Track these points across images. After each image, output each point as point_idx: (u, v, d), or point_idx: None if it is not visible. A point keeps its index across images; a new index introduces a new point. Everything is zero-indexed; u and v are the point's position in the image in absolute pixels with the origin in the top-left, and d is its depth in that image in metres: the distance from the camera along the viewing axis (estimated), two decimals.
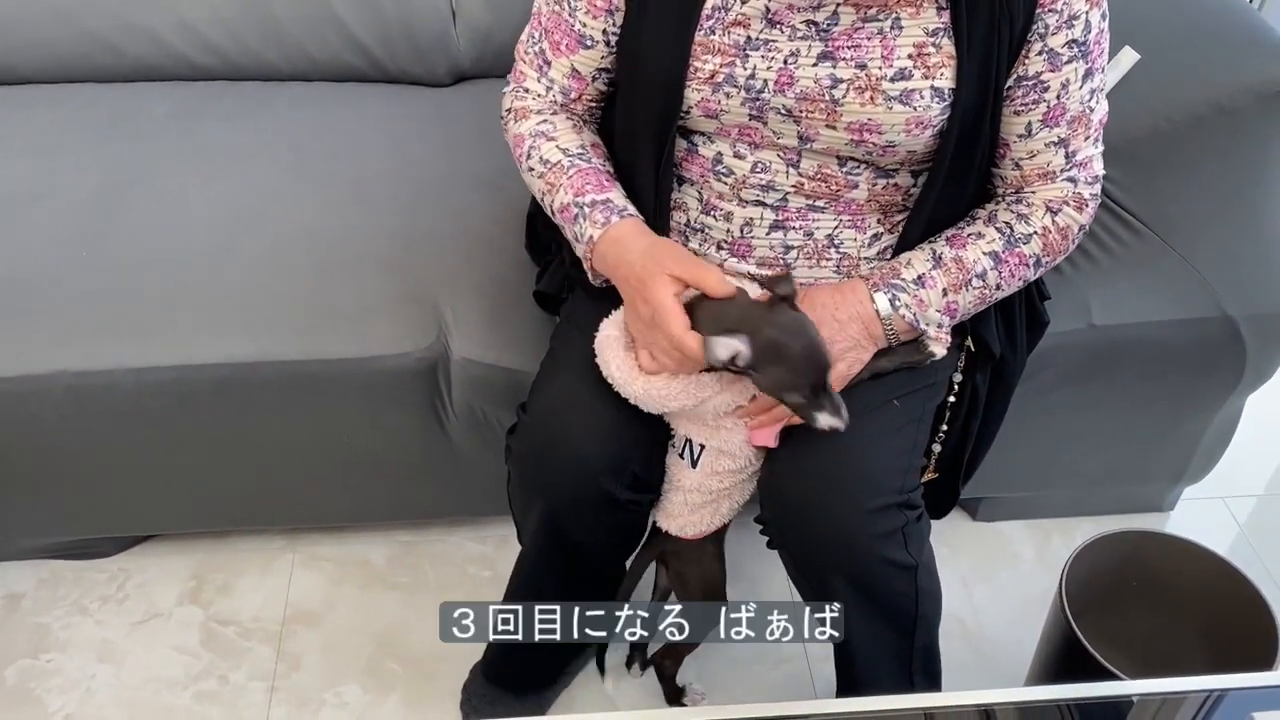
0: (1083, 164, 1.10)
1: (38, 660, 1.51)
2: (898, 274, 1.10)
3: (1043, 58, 1.04)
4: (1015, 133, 1.09)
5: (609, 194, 1.11)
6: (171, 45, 1.67)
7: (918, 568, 1.13)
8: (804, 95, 1.04)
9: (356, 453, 1.48)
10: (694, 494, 1.17)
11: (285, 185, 1.52)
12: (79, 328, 1.34)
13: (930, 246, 1.11)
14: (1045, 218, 1.10)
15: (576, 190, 1.11)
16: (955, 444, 1.24)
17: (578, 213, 1.10)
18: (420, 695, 1.48)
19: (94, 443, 1.42)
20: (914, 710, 1.05)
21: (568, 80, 1.15)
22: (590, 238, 1.09)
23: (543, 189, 1.15)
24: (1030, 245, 1.10)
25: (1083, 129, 1.08)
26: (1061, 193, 1.11)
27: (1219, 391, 1.49)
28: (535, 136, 1.15)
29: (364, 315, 1.37)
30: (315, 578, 1.62)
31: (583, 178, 1.11)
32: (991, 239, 1.10)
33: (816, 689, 1.48)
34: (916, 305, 1.08)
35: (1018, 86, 1.06)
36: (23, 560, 1.62)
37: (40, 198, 1.49)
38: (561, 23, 1.12)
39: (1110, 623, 1.32)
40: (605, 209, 1.09)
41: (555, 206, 1.13)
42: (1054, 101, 1.06)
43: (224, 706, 1.46)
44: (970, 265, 1.09)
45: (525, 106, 1.17)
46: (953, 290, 1.09)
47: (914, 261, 1.10)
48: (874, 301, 1.08)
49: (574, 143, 1.14)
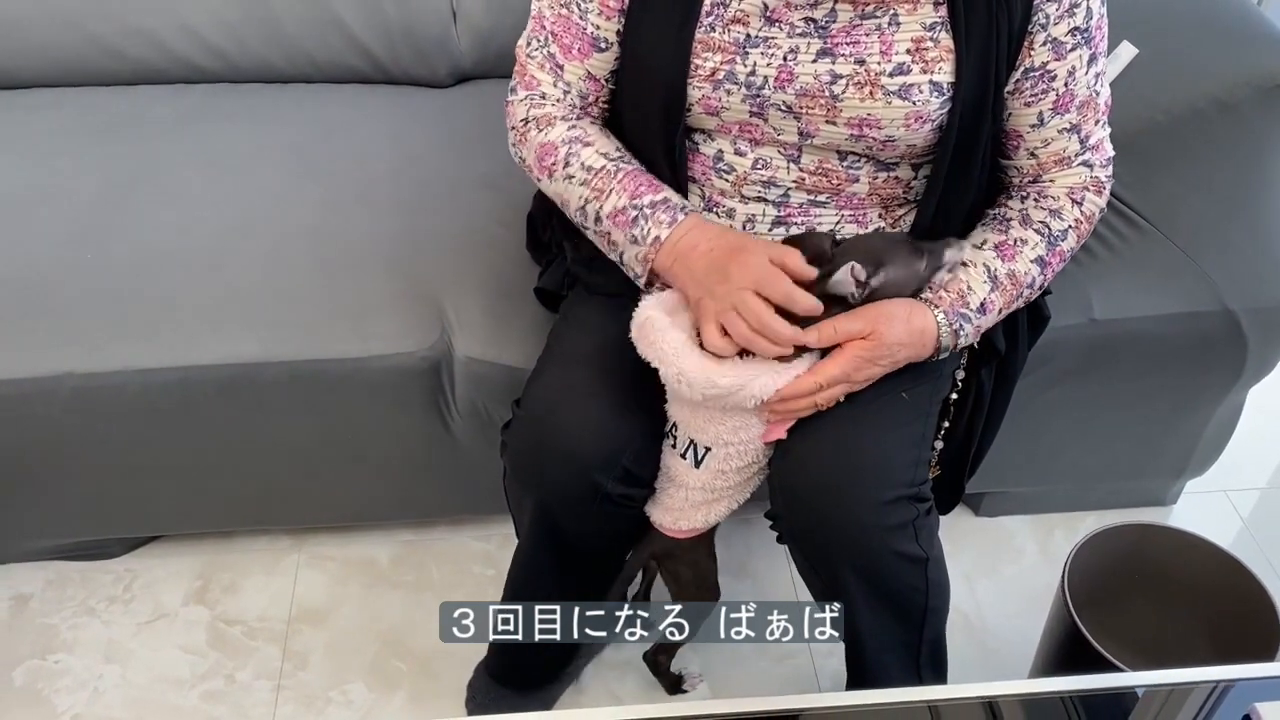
0: (1095, 147, 1.12)
1: (45, 661, 1.52)
2: (966, 302, 1.10)
3: (1047, 48, 1.05)
4: (1028, 123, 1.10)
5: (665, 193, 1.11)
6: (174, 48, 1.67)
7: (928, 560, 1.14)
8: (804, 91, 1.05)
9: (361, 452, 1.49)
10: (696, 491, 1.17)
11: (288, 186, 1.53)
12: (84, 329, 1.35)
13: (983, 261, 1.11)
14: (1074, 210, 1.13)
15: (631, 193, 1.10)
16: (959, 441, 1.25)
17: (636, 215, 1.09)
18: (425, 693, 1.48)
19: (100, 444, 1.42)
20: (918, 703, 1.05)
21: (585, 84, 1.14)
22: (656, 238, 1.09)
23: (587, 195, 1.12)
24: (1068, 240, 1.13)
25: (1092, 113, 1.10)
26: (1080, 179, 1.12)
27: (1220, 385, 1.49)
28: (570, 143, 1.13)
29: (367, 315, 1.38)
30: (320, 577, 1.62)
31: (633, 180, 1.11)
32: (1035, 244, 1.12)
33: (821, 683, 1.49)
34: (974, 334, 1.11)
35: (1025, 79, 1.07)
36: (30, 562, 1.63)
37: (44, 200, 1.49)
38: (571, 26, 1.11)
39: (1113, 616, 1.33)
40: (667, 208, 1.09)
41: (604, 212, 1.11)
42: (1062, 89, 1.08)
43: (231, 706, 1.47)
44: (1022, 278, 1.12)
45: (547, 114, 1.15)
46: (1006, 306, 1.12)
47: (974, 285, 1.10)
48: (939, 333, 1.08)
49: (610, 146, 1.14)
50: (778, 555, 1.22)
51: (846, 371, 1.06)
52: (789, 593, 1.55)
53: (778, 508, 1.16)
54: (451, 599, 1.56)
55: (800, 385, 1.05)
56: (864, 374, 1.08)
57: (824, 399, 1.07)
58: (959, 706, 1.03)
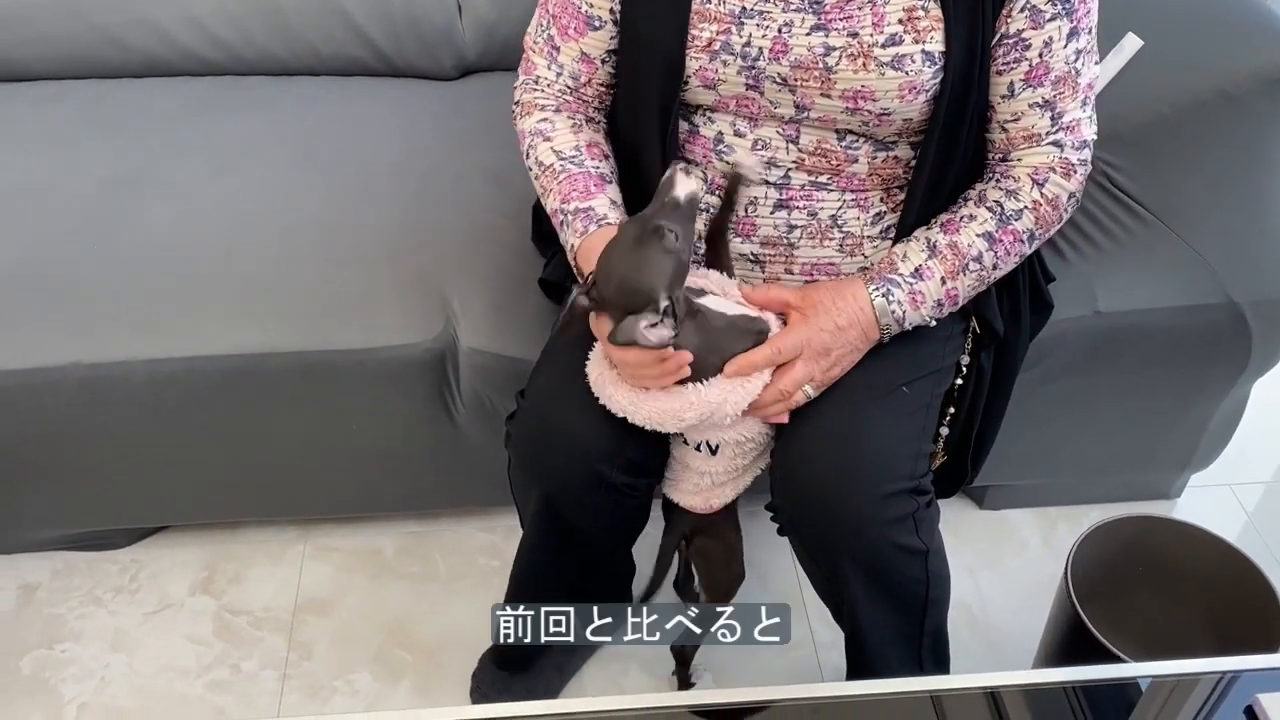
0: (1069, 127, 1.10)
1: (52, 650, 1.52)
2: (895, 268, 1.10)
3: (1025, 14, 1.05)
4: (999, 94, 1.09)
5: (592, 201, 1.13)
6: (179, 40, 1.68)
7: (929, 552, 1.14)
8: (798, 63, 1.06)
9: (366, 443, 1.49)
10: (720, 474, 1.18)
11: (293, 178, 1.53)
12: (91, 320, 1.36)
13: (925, 235, 1.12)
14: (1033, 191, 1.11)
15: (563, 196, 1.13)
16: (963, 427, 1.25)
17: (562, 219, 1.14)
18: (430, 683, 1.49)
19: (107, 434, 1.43)
20: (920, 693, 1.05)
21: (577, 65, 1.16)
22: (571, 246, 1.12)
23: (538, 190, 1.18)
24: (1022, 221, 1.11)
25: (1069, 90, 1.08)
26: (1047, 158, 1.11)
27: (1225, 378, 1.49)
28: (534, 135, 1.17)
29: (372, 306, 1.38)
30: (326, 568, 1.63)
31: (570, 183, 1.14)
32: (984, 220, 1.11)
33: (824, 675, 1.49)
34: (909, 302, 1.10)
35: (999, 45, 1.06)
36: (37, 552, 1.63)
37: (50, 192, 1.50)
38: (569, 6, 1.13)
39: (1116, 608, 1.33)
40: (586, 218, 1.12)
41: (547, 210, 1.17)
42: (1036, 60, 1.06)
43: (236, 695, 1.48)
44: (965, 250, 1.10)
45: (532, 100, 1.18)
46: (950, 277, 1.10)
47: (910, 254, 1.11)
48: (873, 303, 1.09)
49: (569, 144, 1.16)
50: (780, 546, 1.22)
51: (801, 340, 1.07)
52: (791, 583, 1.56)
53: (778, 500, 1.16)
54: (456, 590, 1.58)
55: (767, 394, 1.08)
56: (825, 360, 1.09)
57: (799, 397, 1.09)
58: (961, 697, 1.03)
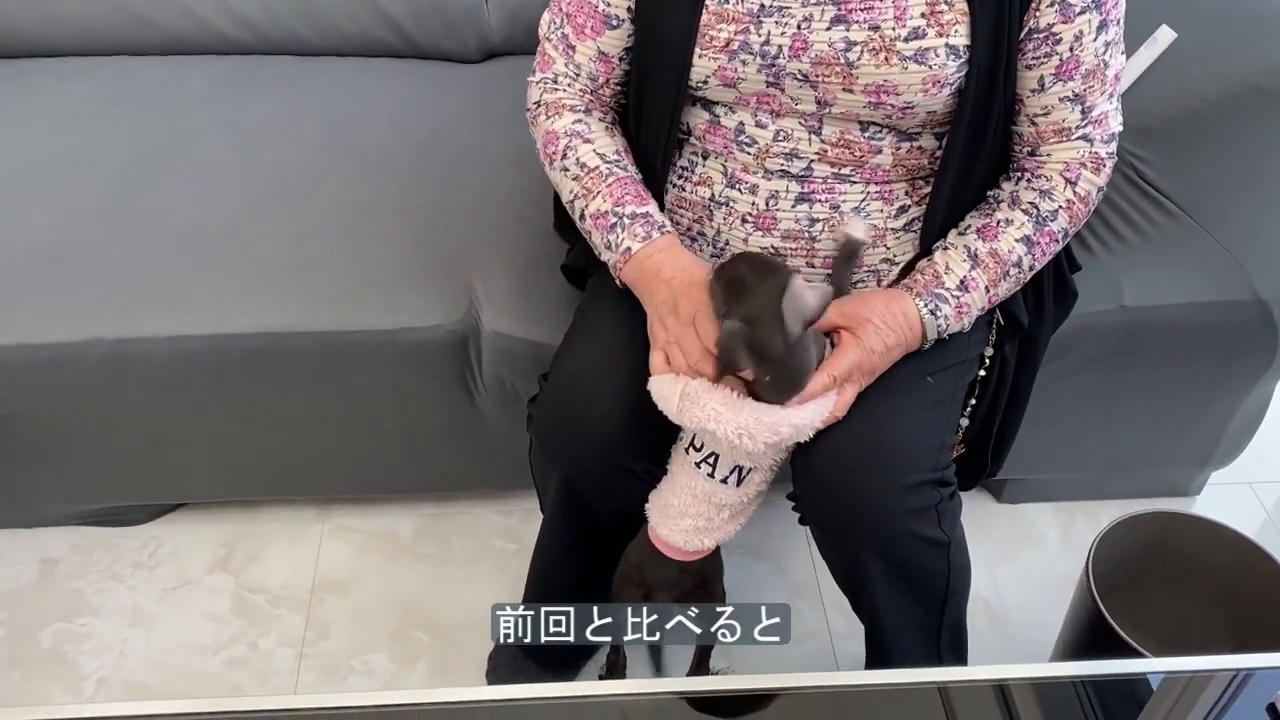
0: (1098, 120, 1.10)
1: (72, 624, 1.54)
2: (940, 281, 1.10)
3: (1055, 9, 1.04)
4: (1029, 88, 1.09)
5: (648, 207, 1.13)
6: (205, 19, 1.68)
7: (950, 544, 1.14)
8: (819, 60, 1.05)
9: (386, 424, 1.49)
10: (737, 505, 1.15)
11: (317, 159, 1.53)
12: (115, 296, 1.36)
13: (963, 242, 1.12)
14: (1066, 190, 1.11)
15: (616, 200, 1.13)
16: (984, 418, 1.24)
17: (615, 222, 1.12)
18: (446, 664, 1.49)
19: (128, 410, 1.44)
20: (928, 684, 1.04)
21: (595, 64, 1.15)
22: (627, 249, 1.12)
23: (577, 191, 1.16)
24: (1058, 221, 1.11)
25: (1098, 83, 1.08)
26: (1078, 154, 1.10)
27: (1249, 375, 1.48)
28: (571, 137, 1.16)
29: (395, 287, 1.38)
30: (344, 548, 1.64)
31: (621, 187, 1.13)
32: (1021, 224, 1.11)
33: (840, 666, 1.49)
34: (955, 315, 1.10)
35: (1029, 39, 1.05)
36: (57, 526, 1.64)
37: (75, 168, 1.51)
38: (585, 5, 1.13)
39: (1135, 604, 1.32)
40: (645, 223, 1.12)
41: (589, 211, 1.14)
42: (1067, 54, 1.06)
43: (253, 672, 1.49)
44: (1006, 256, 1.10)
45: (558, 100, 1.17)
46: (993, 285, 1.11)
47: (952, 265, 1.11)
48: (921, 320, 1.09)
49: (609, 148, 1.16)
50: (798, 535, 1.22)
51: (853, 365, 1.06)
52: (809, 572, 1.56)
53: (800, 490, 1.16)
54: (473, 572, 1.59)
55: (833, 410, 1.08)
56: (870, 377, 1.09)
57: (840, 409, 1.09)
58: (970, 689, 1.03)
